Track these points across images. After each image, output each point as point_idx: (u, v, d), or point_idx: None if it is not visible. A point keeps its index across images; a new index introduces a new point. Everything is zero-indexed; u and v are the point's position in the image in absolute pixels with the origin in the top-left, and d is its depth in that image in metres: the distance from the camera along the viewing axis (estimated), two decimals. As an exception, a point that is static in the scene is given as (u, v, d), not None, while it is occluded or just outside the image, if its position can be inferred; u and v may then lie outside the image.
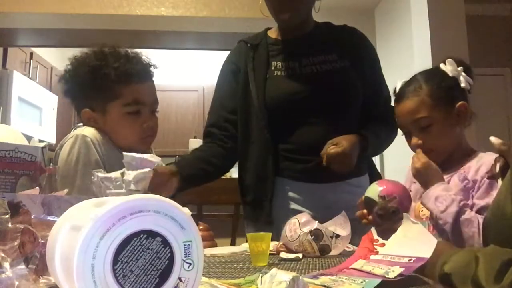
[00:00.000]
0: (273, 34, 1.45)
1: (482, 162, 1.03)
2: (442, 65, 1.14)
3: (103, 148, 1.18)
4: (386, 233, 1.06)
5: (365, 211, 1.06)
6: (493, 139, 0.87)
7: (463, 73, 1.12)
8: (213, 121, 1.43)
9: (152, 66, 1.32)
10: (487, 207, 0.97)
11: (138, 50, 1.33)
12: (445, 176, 1.09)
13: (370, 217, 1.04)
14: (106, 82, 1.20)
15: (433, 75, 1.15)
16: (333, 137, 1.24)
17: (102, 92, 1.21)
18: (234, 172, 2.99)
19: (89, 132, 1.19)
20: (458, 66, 1.12)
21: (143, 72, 1.26)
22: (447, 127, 1.10)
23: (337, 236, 1.03)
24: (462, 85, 1.11)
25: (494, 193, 0.95)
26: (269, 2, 1.33)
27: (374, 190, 1.04)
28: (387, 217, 1.02)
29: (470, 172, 1.04)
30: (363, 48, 1.42)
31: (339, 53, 1.37)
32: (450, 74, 1.12)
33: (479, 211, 0.98)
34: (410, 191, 1.20)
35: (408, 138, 1.15)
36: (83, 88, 1.24)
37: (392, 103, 1.22)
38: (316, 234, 1.01)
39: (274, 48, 1.40)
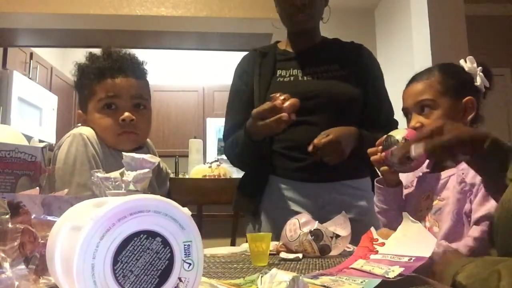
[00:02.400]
0: (282, 46, 1.50)
1: None
2: (461, 61, 1.14)
3: (100, 147, 1.18)
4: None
5: (380, 148, 1.05)
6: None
7: (480, 73, 1.11)
8: (229, 127, 1.48)
9: (137, 64, 1.30)
10: (487, 217, 0.96)
11: (136, 50, 1.34)
12: (444, 175, 1.08)
13: (383, 154, 1.04)
14: (87, 81, 1.23)
15: (449, 66, 1.16)
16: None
17: (83, 91, 1.25)
18: (234, 173, 2.99)
19: (86, 130, 1.19)
20: (478, 66, 1.12)
21: (118, 67, 1.24)
22: (450, 119, 1.07)
23: (337, 236, 1.03)
24: (477, 83, 1.10)
25: (492, 200, 0.94)
26: (283, 7, 1.37)
27: (400, 132, 1.03)
28: (401, 159, 1.00)
29: (469, 174, 1.03)
30: (368, 65, 1.45)
31: (341, 64, 1.40)
32: (466, 69, 1.12)
33: (478, 221, 0.95)
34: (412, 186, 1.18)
35: (409, 122, 1.14)
36: (76, 90, 1.30)
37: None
38: (316, 234, 1.01)
39: (281, 57, 1.45)
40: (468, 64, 1.13)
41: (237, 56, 1.61)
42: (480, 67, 1.12)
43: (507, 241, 0.63)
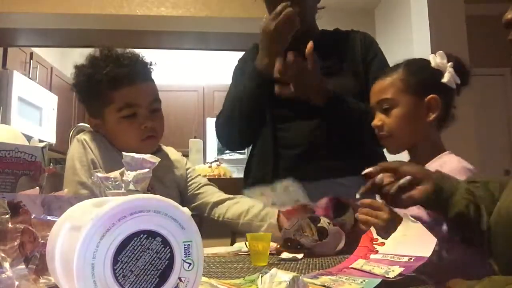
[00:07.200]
0: None
1: (441, 167, 0.95)
2: (431, 56, 1.10)
3: (98, 151, 1.20)
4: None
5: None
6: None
7: (450, 69, 1.06)
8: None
9: (146, 65, 1.29)
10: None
11: (138, 50, 1.33)
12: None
13: None
14: (99, 88, 1.19)
15: (415, 62, 1.12)
16: (317, 135, 1.30)
17: (96, 99, 1.22)
18: (234, 172, 2.98)
19: (86, 135, 1.23)
20: (449, 61, 1.07)
21: (134, 73, 1.22)
22: (411, 117, 1.06)
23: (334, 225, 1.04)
24: (444, 80, 1.05)
25: None
26: (271, 12, 1.36)
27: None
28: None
29: (445, 166, 1.01)
30: (363, 52, 1.41)
31: (336, 59, 1.39)
32: (433, 65, 1.07)
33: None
34: None
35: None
36: (83, 96, 1.26)
37: None
38: (313, 218, 1.04)
39: None
40: (436, 59, 1.07)
41: (237, 56, 1.61)
42: (450, 63, 1.07)
43: (507, 249, 0.62)
